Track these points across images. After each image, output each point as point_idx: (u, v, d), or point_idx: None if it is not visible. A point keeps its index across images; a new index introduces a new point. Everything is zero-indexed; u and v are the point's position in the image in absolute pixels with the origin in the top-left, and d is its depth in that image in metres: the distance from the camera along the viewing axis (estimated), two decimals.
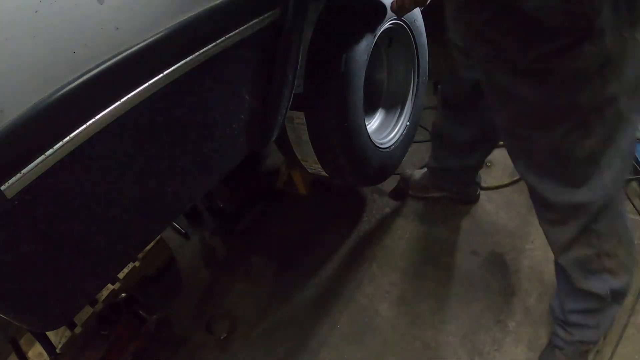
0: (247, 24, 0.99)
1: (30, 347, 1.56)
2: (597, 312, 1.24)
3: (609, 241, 1.12)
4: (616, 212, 1.10)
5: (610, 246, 1.12)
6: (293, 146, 1.56)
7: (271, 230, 2.04)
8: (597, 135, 0.96)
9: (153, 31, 0.81)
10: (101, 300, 1.62)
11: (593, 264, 1.15)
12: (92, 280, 0.94)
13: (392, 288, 1.71)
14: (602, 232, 1.10)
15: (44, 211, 0.77)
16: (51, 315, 0.89)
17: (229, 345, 1.65)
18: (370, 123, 1.86)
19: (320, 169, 1.61)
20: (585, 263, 1.15)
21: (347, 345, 1.57)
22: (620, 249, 1.13)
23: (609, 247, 1.12)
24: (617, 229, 1.12)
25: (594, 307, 1.24)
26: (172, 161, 0.97)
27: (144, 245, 1.59)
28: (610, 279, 1.17)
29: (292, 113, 1.44)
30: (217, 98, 1.03)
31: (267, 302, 1.76)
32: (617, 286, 1.18)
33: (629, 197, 1.82)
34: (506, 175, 2.01)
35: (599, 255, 1.13)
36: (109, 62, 0.75)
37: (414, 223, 1.93)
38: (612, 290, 1.18)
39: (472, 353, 1.48)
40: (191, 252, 2.03)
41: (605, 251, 1.12)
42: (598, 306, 1.23)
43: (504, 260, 1.72)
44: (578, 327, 1.29)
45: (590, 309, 1.24)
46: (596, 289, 1.18)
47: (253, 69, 1.09)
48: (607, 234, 1.11)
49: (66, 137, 0.73)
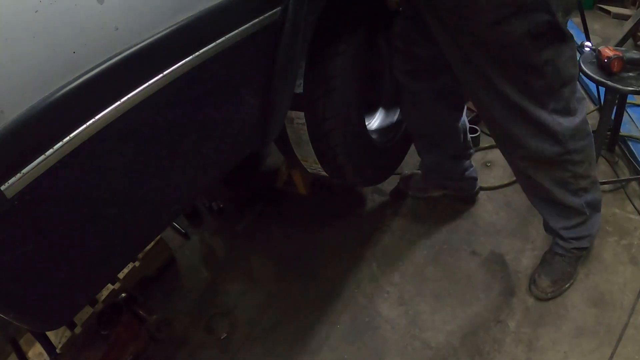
0: (247, 24, 0.99)
1: (30, 347, 1.56)
2: (583, 223, 1.49)
3: (581, 166, 1.35)
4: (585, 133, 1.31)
5: (583, 170, 1.36)
6: (293, 146, 1.56)
7: (271, 230, 2.04)
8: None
9: (153, 31, 0.81)
10: (101, 300, 1.62)
11: (570, 185, 1.39)
12: (92, 280, 0.94)
13: (392, 288, 1.71)
14: (576, 159, 1.32)
15: (43, 211, 0.77)
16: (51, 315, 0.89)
17: (229, 345, 1.65)
18: (370, 122, 1.86)
19: (320, 169, 1.61)
20: (564, 183, 1.39)
21: (347, 345, 1.57)
22: (592, 171, 1.40)
23: (582, 170, 1.36)
24: (587, 154, 1.35)
25: (578, 221, 1.48)
26: (171, 161, 0.97)
27: (144, 245, 1.59)
28: (584, 194, 1.42)
29: (292, 113, 1.44)
30: (217, 98, 1.03)
31: (267, 302, 1.76)
32: (591, 198, 1.45)
33: (629, 197, 1.83)
34: (506, 175, 2.02)
35: (575, 177, 1.37)
36: (109, 62, 0.75)
37: (414, 223, 1.93)
38: (587, 202, 1.44)
39: (472, 353, 1.48)
40: (191, 252, 2.03)
41: (579, 173, 1.37)
42: (581, 219, 1.48)
43: (504, 260, 1.72)
44: (573, 238, 1.53)
45: (577, 222, 1.49)
46: (574, 203, 1.43)
47: (253, 68, 1.09)
48: (580, 161, 1.33)
49: (66, 137, 0.73)
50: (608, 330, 1.46)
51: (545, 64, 1.15)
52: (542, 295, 1.56)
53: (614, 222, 1.76)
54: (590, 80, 1.71)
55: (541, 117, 1.23)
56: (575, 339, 1.46)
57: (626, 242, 1.70)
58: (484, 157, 2.17)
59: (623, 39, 2.55)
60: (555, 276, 1.56)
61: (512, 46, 1.12)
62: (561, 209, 1.47)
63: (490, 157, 2.16)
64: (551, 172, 1.37)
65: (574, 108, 1.27)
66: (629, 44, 2.71)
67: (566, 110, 1.25)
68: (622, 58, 1.64)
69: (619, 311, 1.50)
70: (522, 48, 1.12)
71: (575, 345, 1.44)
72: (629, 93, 1.66)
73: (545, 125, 1.24)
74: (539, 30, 1.09)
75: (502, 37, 1.11)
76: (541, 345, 1.46)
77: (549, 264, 1.60)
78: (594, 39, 2.74)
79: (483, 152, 2.20)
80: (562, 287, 1.57)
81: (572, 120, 1.26)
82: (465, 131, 1.73)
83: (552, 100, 1.22)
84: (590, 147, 1.36)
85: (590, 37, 2.00)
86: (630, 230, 1.73)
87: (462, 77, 1.30)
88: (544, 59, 1.14)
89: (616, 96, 1.74)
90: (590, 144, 1.36)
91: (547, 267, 1.59)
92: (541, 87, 1.19)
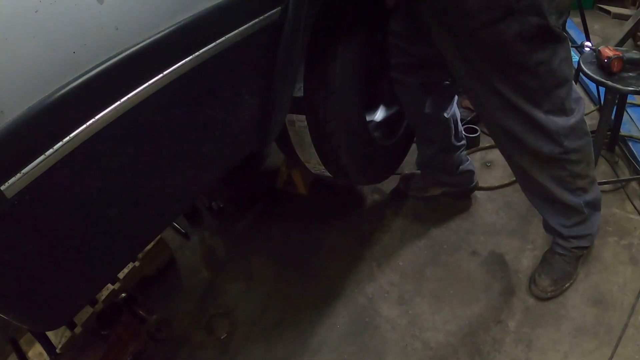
0: (247, 24, 0.99)
1: (30, 347, 1.56)
2: (582, 222, 1.50)
3: (579, 165, 1.36)
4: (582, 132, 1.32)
5: (580, 169, 1.37)
6: (296, 148, 1.57)
7: (271, 230, 2.04)
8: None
9: (153, 31, 0.81)
10: (101, 300, 1.62)
11: (568, 183, 1.39)
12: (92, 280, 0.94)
13: (392, 288, 1.71)
14: (573, 159, 1.33)
15: (43, 211, 0.77)
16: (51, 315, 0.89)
17: (229, 345, 1.65)
18: (371, 120, 1.86)
19: (323, 170, 1.62)
20: (562, 182, 1.39)
21: (347, 345, 1.57)
22: (590, 170, 1.41)
23: (580, 170, 1.37)
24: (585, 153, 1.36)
25: (577, 220, 1.49)
26: (171, 161, 0.97)
27: (144, 245, 1.59)
28: (583, 194, 1.43)
29: (294, 116, 1.45)
30: (216, 98, 1.03)
31: (267, 302, 1.76)
32: (590, 198, 1.45)
33: (629, 197, 1.83)
34: (506, 175, 2.02)
35: (572, 176, 1.37)
36: (109, 62, 0.75)
37: (414, 223, 1.93)
38: (586, 202, 1.44)
39: (472, 353, 1.48)
40: (191, 252, 2.03)
41: (577, 173, 1.37)
42: (579, 218, 1.48)
43: (504, 260, 1.72)
44: (574, 237, 1.53)
45: (576, 221, 1.49)
46: (572, 202, 1.43)
47: (253, 68, 1.09)
48: (577, 160, 1.34)
49: (66, 137, 0.73)
50: (608, 330, 1.46)
51: (538, 65, 1.16)
52: (542, 294, 1.56)
53: (614, 222, 1.76)
54: (590, 80, 1.71)
55: (536, 116, 1.24)
56: (575, 339, 1.46)
57: (626, 242, 1.70)
58: (484, 157, 2.18)
59: (623, 39, 2.55)
60: (556, 275, 1.56)
61: (504, 47, 1.13)
62: (559, 208, 1.47)
63: (490, 157, 2.16)
64: (549, 170, 1.37)
65: (570, 108, 1.27)
66: (629, 44, 2.71)
67: (561, 110, 1.26)
68: (622, 58, 1.64)
69: (619, 311, 1.50)
70: (514, 49, 1.13)
71: (575, 345, 1.44)
72: (629, 93, 1.66)
73: (540, 123, 1.26)
74: (531, 32, 1.10)
75: (494, 38, 1.13)
76: (541, 345, 1.46)
77: (549, 263, 1.60)
78: (594, 39, 2.74)
79: (483, 152, 2.20)
80: (562, 287, 1.57)
81: (567, 120, 1.27)
82: (457, 122, 1.75)
83: (546, 101, 1.23)
84: (589, 147, 1.37)
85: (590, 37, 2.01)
86: (630, 230, 1.73)
87: (459, 75, 1.31)
88: (536, 60, 1.15)
89: (616, 96, 1.74)
90: (588, 144, 1.36)
91: (547, 267, 1.59)
92: (535, 87, 1.20)
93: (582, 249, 1.58)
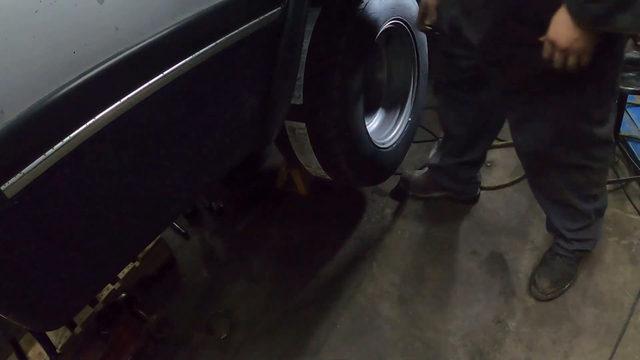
0: (247, 24, 0.99)
1: (30, 347, 1.56)
2: (588, 227, 1.49)
3: (600, 174, 1.36)
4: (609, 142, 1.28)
5: (599, 177, 1.37)
6: (297, 154, 1.58)
7: (271, 230, 2.03)
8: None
9: (153, 31, 0.81)
10: (101, 300, 1.62)
11: (585, 190, 1.38)
12: (92, 280, 0.94)
13: (392, 288, 1.71)
14: (595, 167, 1.31)
15: (43, 211, 0.77)
16: (51, 315, 0.89)
17: (229, 345, 1.65)
18: (370, 123, 1.86)
19: (324, 174, 1.63)
20: (579, 188, 1.37)
21: (347, 345, 1.57)
22: (605, 179, 1.42)
23: (598, 179, 1.37)
24: (606, 164, 1.35)
25: (582, 225, 1.48)
26: (171, 161, 0.97)
27: (144, 245, 1.59)
28: (594, 202, 1.43)
29: (294, 124, 1.45)
30: (216, 98, 1.03)
31: (267, 302, 1.75)
32: (599, 205, 1.46)
33: (629, 197, 1.82)
34: (507, 175, 2.01)
35: (590, 183, 1.36)
36: (109, 62, 0.75)
37: (414, 223, 1.93)
38: (595, 209, 1.45)
39: (472, 353, 1.48)
40: (191, 252, 2.03)
41: (596, 181, 1.37)
42: (586, 223, 1.47)
43: (504, 260, 1.72)
44: (576, 240, 1.53)
45: (582, 226, 1.48)
46: (582, 208, 1.42)
47: (253, 69, 1.09)
48: (599, 169, 1.33)
49: (66, 137, 0.73)
50: (608, 330, 1.46)
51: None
52: (542, 296, 1.56)
53: (614, 222, 1.76)
54: None
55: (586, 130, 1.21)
56: (575, 339, 1.46)
57: (626, 242, 1.70)
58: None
59: None
60: (555, 277, 1.56)
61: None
62: (568, 211, 1.46)
63: (490, 157, 2.15)
64: (568, 175, 1.34)
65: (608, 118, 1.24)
66: (629, 44, 2.71)
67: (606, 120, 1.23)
68: None
69: (619, 311, 1.50)
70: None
71: (575, 345, 1.44)
72: (629, 93, 1.66)
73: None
74: None
75: None
76: (541, 345, 1.46)
77: (548, 264, 1.59)
78: None
79: None
80: (562, 288, 1.57)
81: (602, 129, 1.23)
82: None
83: (599, 110, 1.20)
84: (611, 157, 1.38)
85: None
86: (630, 230, 1.73)
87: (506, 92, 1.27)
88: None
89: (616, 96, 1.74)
90: (610, 154, 1.34)
91: (547, 268, 1.59)
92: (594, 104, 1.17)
93: (583, 252, 1.58)
